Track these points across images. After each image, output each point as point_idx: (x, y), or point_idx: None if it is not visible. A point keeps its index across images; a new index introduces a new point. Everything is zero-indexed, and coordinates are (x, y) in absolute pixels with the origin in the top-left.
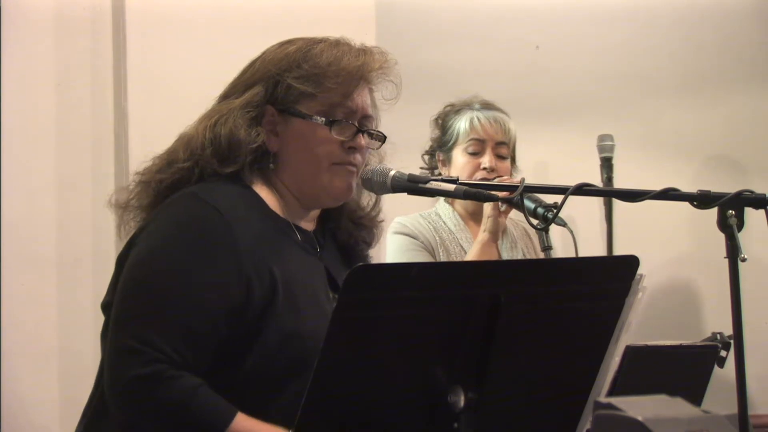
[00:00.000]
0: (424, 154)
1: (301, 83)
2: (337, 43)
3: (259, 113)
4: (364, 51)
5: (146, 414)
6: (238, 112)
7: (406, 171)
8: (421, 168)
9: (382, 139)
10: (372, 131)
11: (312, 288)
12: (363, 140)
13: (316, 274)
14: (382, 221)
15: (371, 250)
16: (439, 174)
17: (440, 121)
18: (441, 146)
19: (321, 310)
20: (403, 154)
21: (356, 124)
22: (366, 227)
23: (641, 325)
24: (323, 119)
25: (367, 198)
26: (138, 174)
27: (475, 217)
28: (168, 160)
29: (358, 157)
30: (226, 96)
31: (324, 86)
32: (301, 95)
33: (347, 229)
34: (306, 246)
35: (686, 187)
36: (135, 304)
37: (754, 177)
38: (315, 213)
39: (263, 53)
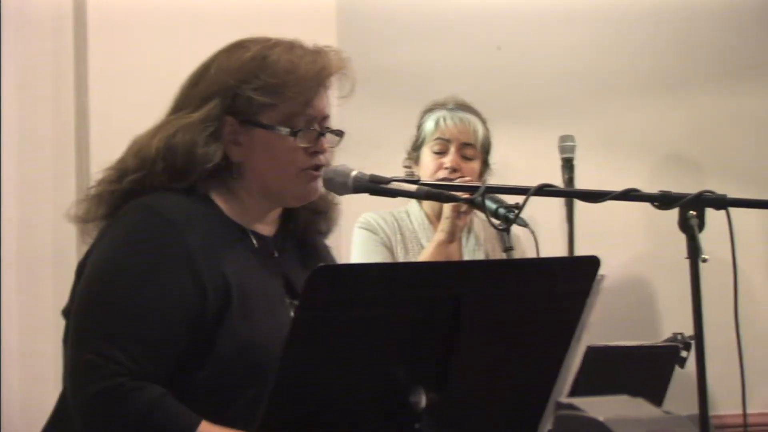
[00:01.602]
0: (409, 152)
1: (261, 95)
2: (292, 47)
3: (218, 126)
4: (320, 53)
5: (112, 426)
6: (197, 128)
7: (366, 171)
8: (405, 165)
9: (341, 135)
10: (332, 131)
11: (266, 294)
12: (326, 143)
13: (272, 280)
14: (337, 204)
15: (334, 245)
16: (412, 173)
17: (419, 120)
18: (413, 145)
19: (275, 316)
20: (363, 153)
21: (318, 129)
22: (321, 212)
23: (601, 325)
24: (287, 130)
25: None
26: (90, 188)
27: (440, 217)
28: (118, 170)
29: (322, 158)
30: (180, 107)
31: (284, 96)
32: (262, 106)
33: (305, 218)
34: (262, 252)
35: (648, 188)
36: (92, 317)
37: (715, 178)
38: (274, 215)
39: (216, 60)
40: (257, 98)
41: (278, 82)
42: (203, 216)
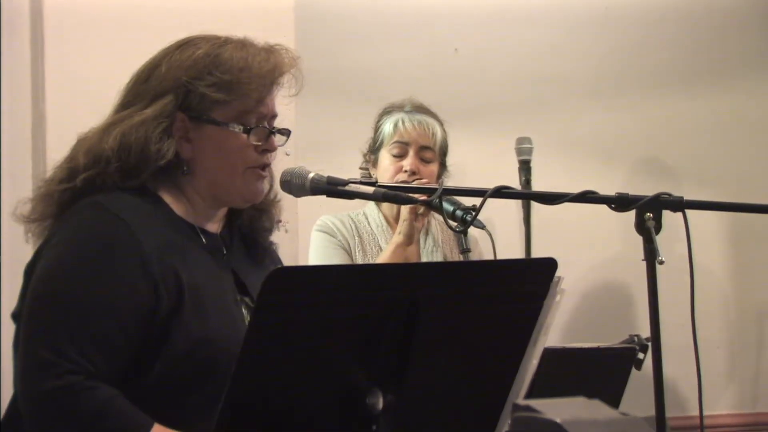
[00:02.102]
0: (365, 154)
1: (215, 91)
2: (244, 45)
3: (170, 123)
4: (272, 51)
5: (63, 426)
6: (150, 124)
7: (324, 172)
8: (361, 168)
9: (289, 134)
10: (281, 130)
11: (219, 292)
12: (276, 142)
13: (223, 278)
14: (279, 201)
15: (292, 249)
16: (370, 175)
17: (376, 122)
18: (371, 147)
19: (228, 314)
20: (321, 154)
21: (268, 127)
22: (264, 210)
23: (564, 328)
24: (240, 127)
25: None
26: (39, 186)
27: (398, 219)
28: (69, 169)
29: (270, 156)
30: (130, 104)
31: (237, 93)
32: (215, 103)
33: (248, 215)
34: (212, 249)
35: (605, 190)
36: (45, 315)
37: (672, 179)
38: (221, 213)
39: (166, 56)
40: (210, 95)
41: (232, 79)
42: (154, 215)
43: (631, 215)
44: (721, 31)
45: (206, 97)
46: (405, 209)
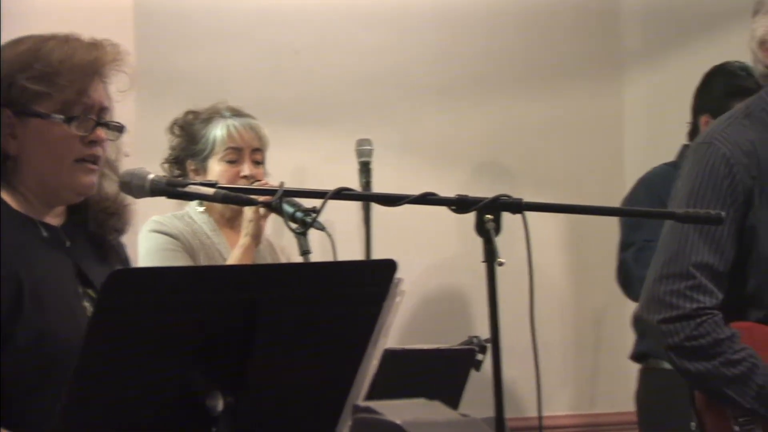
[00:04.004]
0: (163, 163)
1: (35, 83)
2: (67, 40)
3: None
4: (96, 45)
5: None
6: None
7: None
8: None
9: (121, 129)
10: (110, 123)
11: (59, 284)
12: (103, 133)
13: (64, 270)
14: (128, 204)
15: (126, 238)
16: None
17: (182, 130)
18: (193, 155)
19: (69, 307)
20: (162, 155)
21: (95, 118)
22: (115, 213)
23: (405, 329)
24: (62, 117)
25: (110, 185)
26: None
27: (231, 222)
28: None
29: (99, 150)
30: None
31: (58, 84)
32: (36, 95)
33: (96, 219)
34: (53, 242)
35: (445, 192)
36: None
37: (512, 180)
38: (62, 207)
39: None
40: (30, 87)
41: (51, 70)
42: None
43: (471, 217)
44: (557, 34)
45: (27, 89)
46: (249, 211)
